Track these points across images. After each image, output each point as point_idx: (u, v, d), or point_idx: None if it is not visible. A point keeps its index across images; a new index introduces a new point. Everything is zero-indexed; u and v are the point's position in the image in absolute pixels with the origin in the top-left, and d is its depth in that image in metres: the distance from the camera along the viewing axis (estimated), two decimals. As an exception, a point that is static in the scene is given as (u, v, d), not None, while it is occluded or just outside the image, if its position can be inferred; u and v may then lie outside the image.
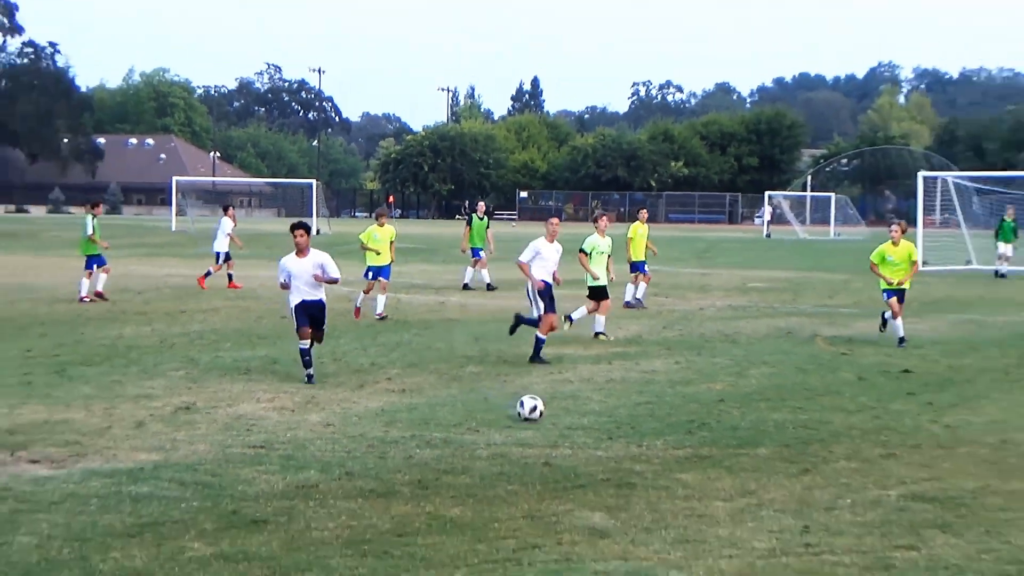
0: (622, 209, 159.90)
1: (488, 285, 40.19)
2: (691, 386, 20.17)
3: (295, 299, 20.12)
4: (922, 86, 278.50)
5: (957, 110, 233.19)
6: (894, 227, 27.01)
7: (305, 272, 19.95)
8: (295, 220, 22.32)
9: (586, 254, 26.56)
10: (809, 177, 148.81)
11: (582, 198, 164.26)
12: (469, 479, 13.23)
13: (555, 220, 24.52)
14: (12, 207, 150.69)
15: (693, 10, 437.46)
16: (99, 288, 34.42)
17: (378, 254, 30.96)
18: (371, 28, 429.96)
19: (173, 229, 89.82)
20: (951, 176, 72.44)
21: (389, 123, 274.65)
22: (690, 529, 11.27)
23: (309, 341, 19.91)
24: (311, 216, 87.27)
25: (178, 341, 25.20)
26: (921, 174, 67.32)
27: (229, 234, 40.53)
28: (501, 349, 24.52)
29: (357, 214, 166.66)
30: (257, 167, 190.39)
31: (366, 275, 30.76)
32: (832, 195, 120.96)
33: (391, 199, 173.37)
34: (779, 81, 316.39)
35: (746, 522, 11.53)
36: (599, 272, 26.70)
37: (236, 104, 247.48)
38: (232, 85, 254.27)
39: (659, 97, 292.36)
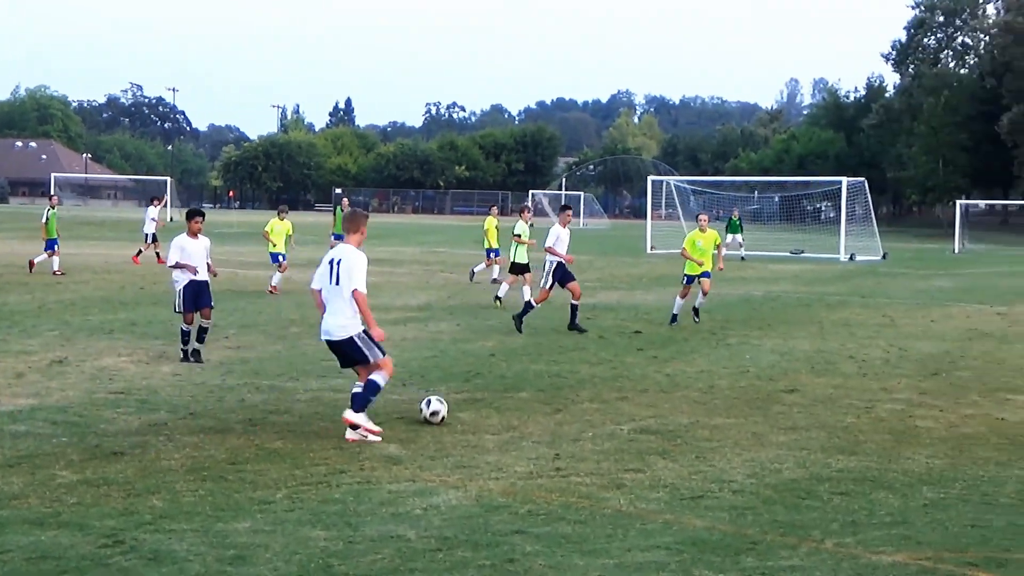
0: (417, 204, 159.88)
1: None
2: (469, 343, 20.20)
3: (185, 279, 17.57)
4: (651, 109, 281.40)
5: (678, 128, 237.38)
6: (702, 217, 25.47)
7: (197, 252, 17.90)
8: (193, 208, 20.68)
9: (518, 236, 27.49)
10: (564, 179, 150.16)
11: (385, 194, 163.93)
12: (290, 418, 13.12)
13: (569, 211, 24.61)
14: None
15: (474, 44, 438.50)
16: (55, 267, 33.97)
17: (275, 245, 30.54)
18: (217, 55, 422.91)
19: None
20: (673, 180, 73.90)
21: (230, 132, 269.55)
22: (466, 457, 11.27)
23: (192, 325, 17.70)
24: (167, 207, 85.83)
25: (54, 307, 24.54)
26: (650, 178, 68.59)
27: (154, 219, 40.85)
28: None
29: (204, 205, 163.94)
30: (122, 167, 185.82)
31: (274, 260, 30.14)
32: (582, 194, 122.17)
33: (232, 193, 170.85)
34: (541, 103, 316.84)
35: (510, 451, 11.56)
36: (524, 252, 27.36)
37: (105, 115, 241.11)
38: (102, 100, 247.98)
39: (447, 115, 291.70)
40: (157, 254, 39.82)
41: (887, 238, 64.57)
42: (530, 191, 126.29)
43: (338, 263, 12.50)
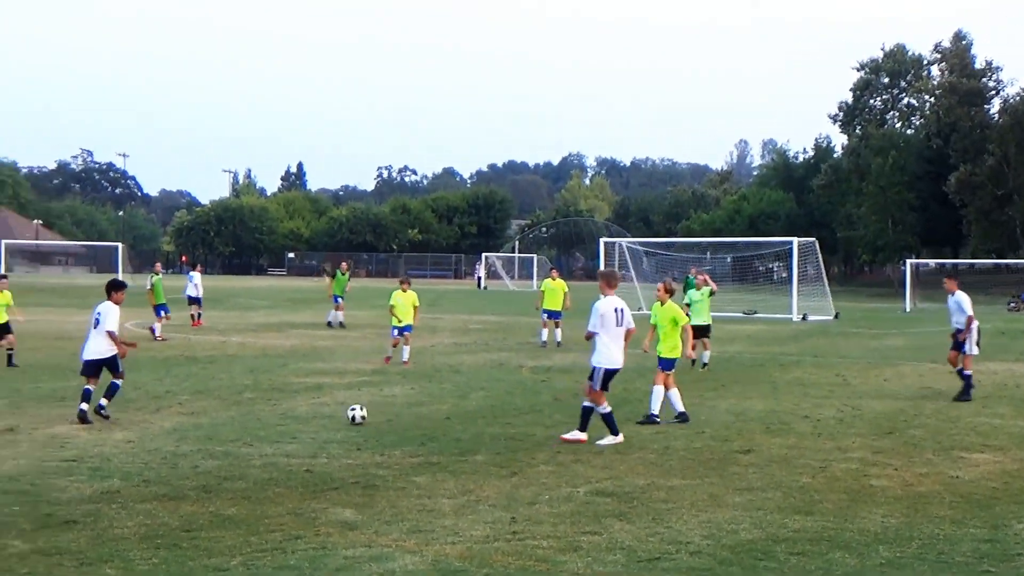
0: (371, 267, 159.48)
1: (341, 324, 42.53)
2: (424, 407, 20.13)
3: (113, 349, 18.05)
4: (603, 171, 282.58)
5: (630, 190, 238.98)
6: (659, 285, 19.62)
7: None
8: (118, 279, 19.97)
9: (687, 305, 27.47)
10: (516, 241, 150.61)
11: (338, 259, 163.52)
12: (244, 484, 12.99)
13: (953, 280, 25.39)
14: None
15: (425, 107, 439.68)
16: (158, 331, 35.34)
17: (400, 320, 29.01)
18: (168, 120, 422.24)
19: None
20: (625, 241, 74.14)
21: (182, 197, 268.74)
22: (422, 521, 11.21)
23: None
24: (118, 272, 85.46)
25: (3, 375, 24.30)
26: (602, 240, 68.75)
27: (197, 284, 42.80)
28: (271, 379, 24.20)
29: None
30: (74, 233, 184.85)
31: (393, 333, 29.27)
32: (535, 256, 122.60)
33: (184, 259, 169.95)
34: (493, 166, 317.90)
35: (466, 515, 11.51)
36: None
37: (56, 181, 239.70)
38: (52, 166, 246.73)
39: (399, 178, 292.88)
40: (192, 316, 42.36)
41: (839, 297, 64.96)
42: (483, 254, 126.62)
43: (622, 311, 16.75)
